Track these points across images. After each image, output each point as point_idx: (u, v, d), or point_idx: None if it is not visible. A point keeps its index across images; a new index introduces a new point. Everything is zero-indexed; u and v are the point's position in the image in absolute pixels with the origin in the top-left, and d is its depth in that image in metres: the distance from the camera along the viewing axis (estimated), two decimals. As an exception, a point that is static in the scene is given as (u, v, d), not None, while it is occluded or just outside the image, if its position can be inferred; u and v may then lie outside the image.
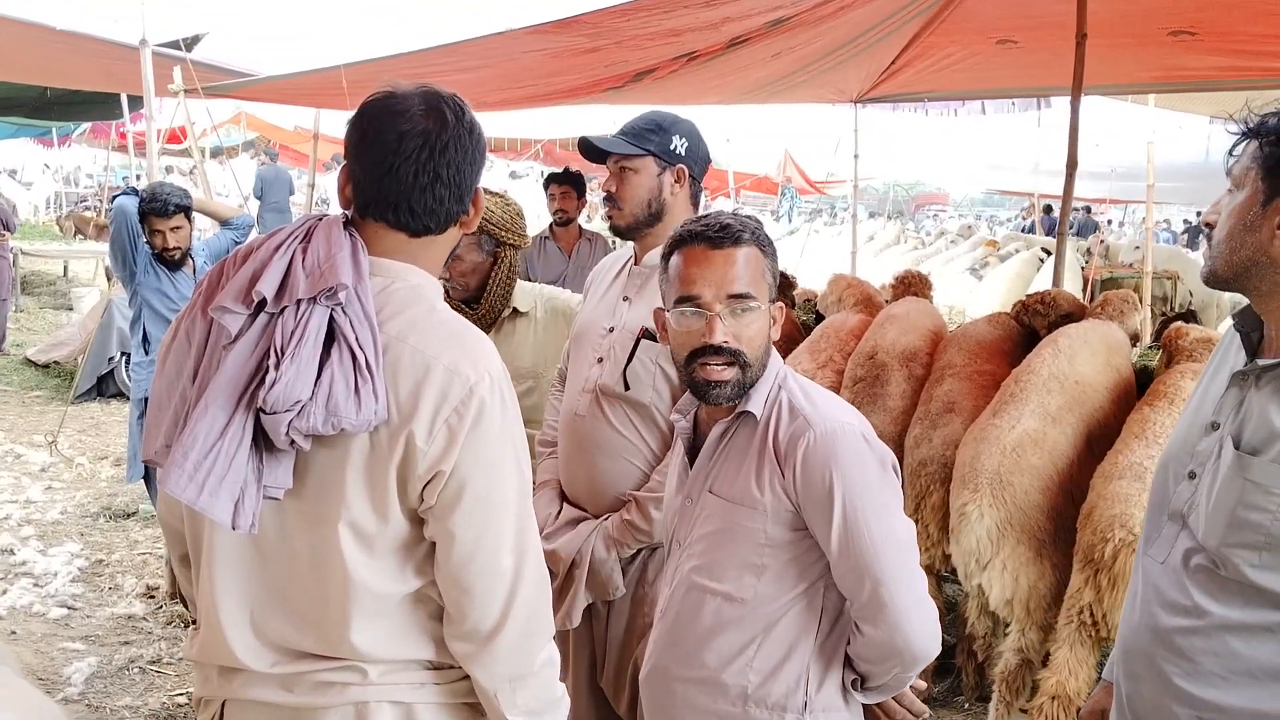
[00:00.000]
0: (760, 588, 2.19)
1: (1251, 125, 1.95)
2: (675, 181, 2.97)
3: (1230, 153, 1.99)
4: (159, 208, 5.32)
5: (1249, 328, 2.02)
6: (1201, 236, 2.77)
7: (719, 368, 2.16)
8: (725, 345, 2.14)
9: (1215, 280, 2.01)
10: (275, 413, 1.72)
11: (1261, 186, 1.89)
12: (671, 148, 2.95)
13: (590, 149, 2.98)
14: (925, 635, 2.15)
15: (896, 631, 2.11)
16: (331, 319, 1.77)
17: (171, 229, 5.37)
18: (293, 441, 1.75)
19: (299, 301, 1.78)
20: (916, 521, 4.29)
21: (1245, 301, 2.06)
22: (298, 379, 1.72)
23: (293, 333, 1.75)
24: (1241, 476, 1.90)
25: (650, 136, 2.95)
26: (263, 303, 1.79)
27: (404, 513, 1.84)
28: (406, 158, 1.88)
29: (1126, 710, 2.15)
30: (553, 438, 3.21)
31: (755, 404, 2.20)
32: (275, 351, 1.74)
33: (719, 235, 2.18)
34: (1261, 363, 1.95)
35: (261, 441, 1.77)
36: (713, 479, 2.26)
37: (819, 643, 2.21)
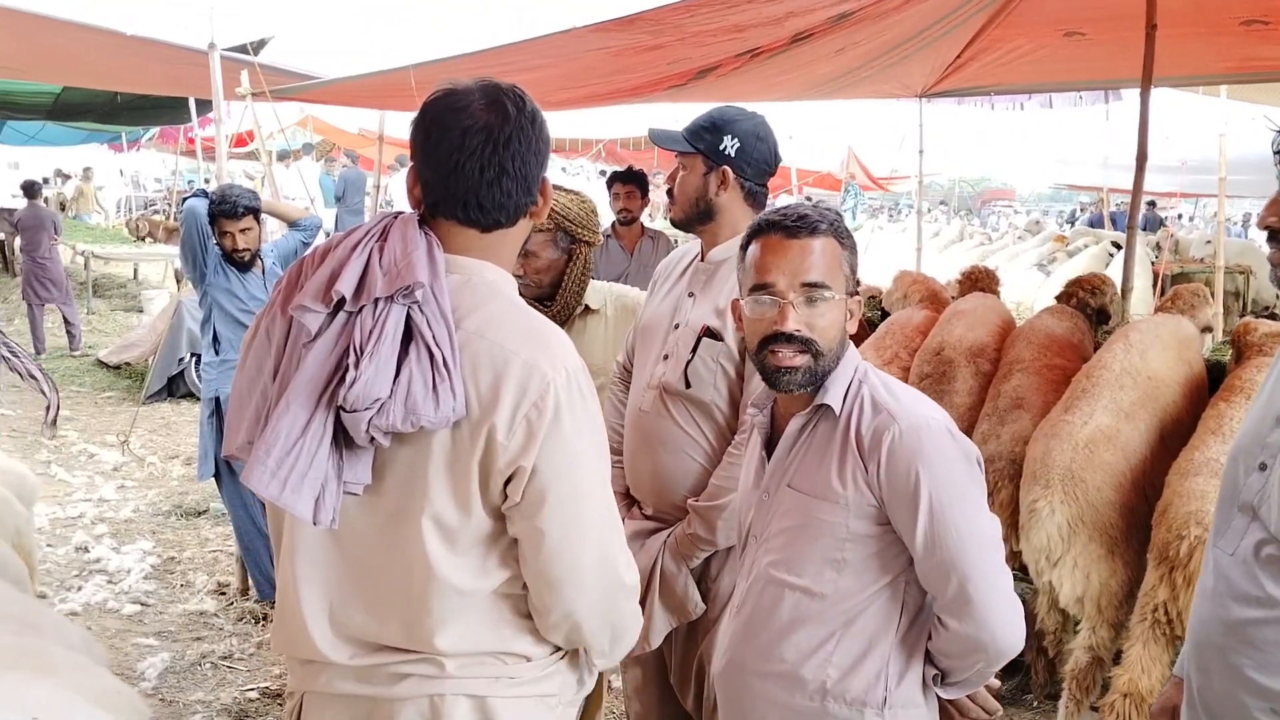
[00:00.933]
0: (841, 582, 2.18)
1: None
2: (720, 184, 2.93)
3: None
4: (228, 209, 5.39)
5: None
6: (1266, 241, 2.72)
7: (790, 354, 2.16)
8: (797, 333, 2.15)
9: None
10: (355, 411, 1.74)
11: None
12: (721, 148, 2.91)
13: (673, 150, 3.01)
14: (1011, 630, 2.14)
15: (983, 627, 2.10)
16: (409, 317, 1.79)
17: (241, 230, 5.43)
18: (373, 439, 1.77)
19: (376, 300, 1.80)
20: (986, 518, 4.26)
21: None
22: (377, 377, 1.74)
23: (371, 331, 1.77)
24: None
25: (704, 135, 2.93)
26: (342, 301, 1.81)
27: (486, 508, 1.85)
28: (471, 154, 1.88)
29: (1198, 704, 2.13)
30: (614, 441, 3.18)
31: (833, 397, 2.19)
32: (354, 350, 1.77)
33: (795, 225, 2.19)
34: None
35: (341, 439, 1.79)
36: (791, 473, 2.25)
37: (899, 637, 2.20)
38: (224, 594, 5.74)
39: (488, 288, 1.91)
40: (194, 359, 9.82)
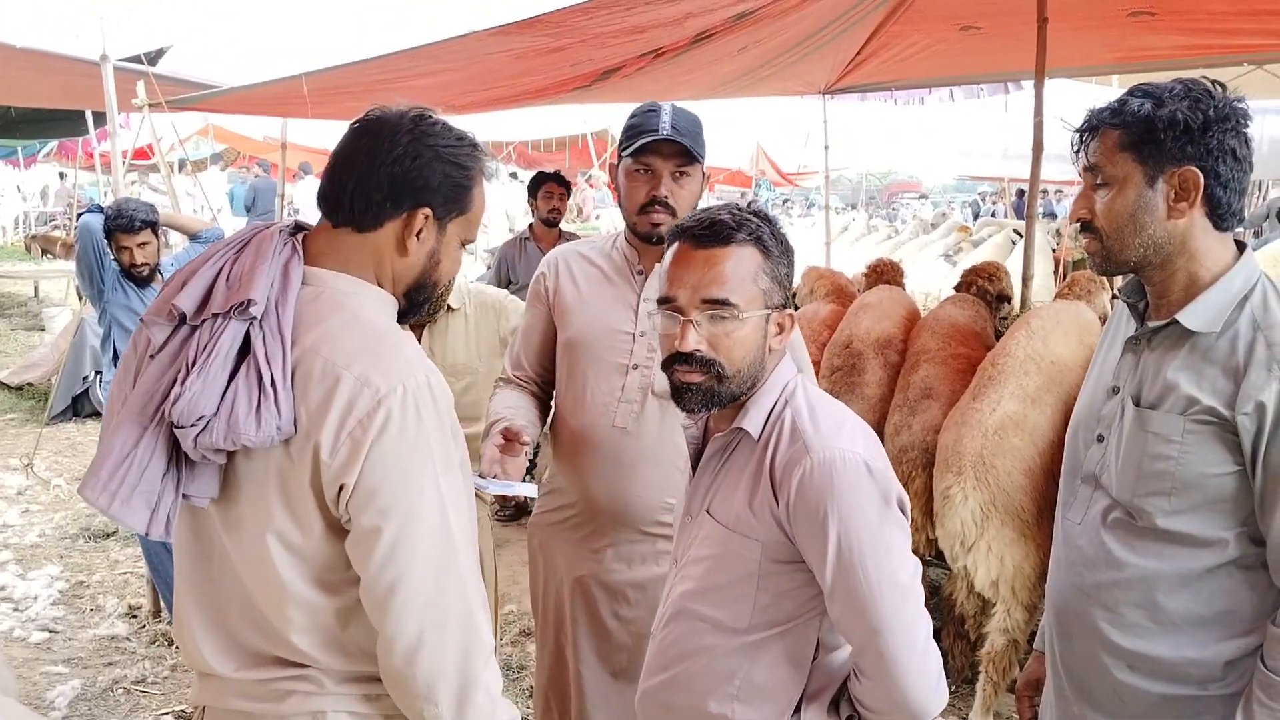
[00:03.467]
0: (754, 618, 2.03)
1: (1102, 118, 2.08)
2: (704, 179, 2.94)
3: (1081, 148, 2.11)
4: (125, 224, 5.27)
5: (1134, 298, 2.19)
6: (1080, 232, 2.86)
7: (689, 373, 2.00)
8: (696, 353, 1.98)
9: (1116, 268, 2.14)
10: (181, 427, 1.73)
11: (1143, 168, 2.02)
12: (704, 149, 2.89)
13: (662, 149, 2.81)
14: (925, 690, 1.94)
15: (894, 685, 1.93)
16: (248, 334, 1.77)
17: (138, 245, 5.32)
18: (204, 455, 1.76)
19: (215, 315, 1.78)
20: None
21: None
22: (203, 394, 1.73)
23: (205, 346, 1.76)
24: (1144, 430, 2.07)
25: (701, 141, 2.85)
26: (184, 316, 1.80)
27: (327, 526, 1.82)
28: (353, 149, 1.92)
29: (1061, 670, 2.27)
30: (501, 413, 2.93)
31: (752, 421, 2.04)
32: (186, 365, 1.76)
33: (705, 234, 2.01)
34: (1151, 325, 2.12)
35: (180, 453, 1.78)
36: (711, 499, 2.11)
37: (810, 674, 2.06)
38: (135, 617, 5.61)
39: (335, 300, 1.86)
40: (98, 377, 9.61)
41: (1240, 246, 2.11)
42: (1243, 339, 1.99)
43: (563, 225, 7.46)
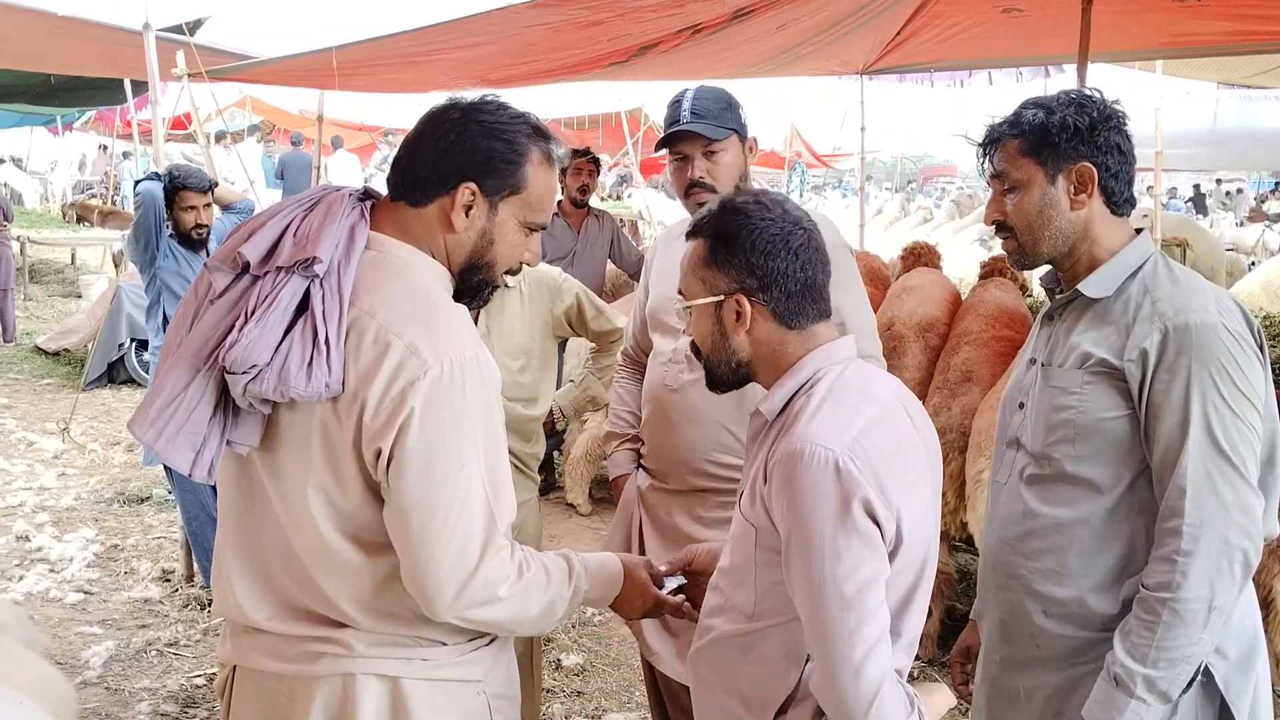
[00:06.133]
0: (757, 604, 2.00)
1: (1001, 130, 2.35)
2: (750, 152, 3.09)
3: (987, 160, 2.39)
4: (196, 183, 5.37)
5: (1051, 284, 2.46)
6: (995, 233, 2.94)
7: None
8: (691, 340, 2.12)
9: (1033, 263, 2.37)
10: (233, 373, 1.76)
11: (1044, 169, 2.28)
12: (744, 121, 3.04)
13: (672, 138, 2.98)
14: (856, 704, 1.80)
15: (826, 693, 1.85)
16: (307, 290, 1.80)
17: (204, 205, 5.42)
18: (251, 404, 1.79)
19: (279, 268, 1.81)
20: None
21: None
22: (258, 343, 1.76)
23: (266, 297, 1.79)
24: (1049, 386, 2.32)
25: (728, 115, 3.00)
26: (248, 265, 1.83)
27: (367, 487, 1.84)
28: (411, 133, 1.97)
29: (995, 618, 2.44)
30: (624, 428, 3.31)
31: (769, 404, 2.01)
32: (245, 313, 1.79)
33: (690, 229, 2.10)
34: (1059, 299, 2.38)
35: (229, 398, 1.82)
36: (745, 481, 2.09)
37: (802, 674, 1.97)
38: (169, 581, 5.68)
39: (396, 267, 1.89)
40: (134, 344, 9.72)
41: (1138, 231, 2.37)
42: (1134, 301, 2.24)
43: (591, 202, 7.44)
